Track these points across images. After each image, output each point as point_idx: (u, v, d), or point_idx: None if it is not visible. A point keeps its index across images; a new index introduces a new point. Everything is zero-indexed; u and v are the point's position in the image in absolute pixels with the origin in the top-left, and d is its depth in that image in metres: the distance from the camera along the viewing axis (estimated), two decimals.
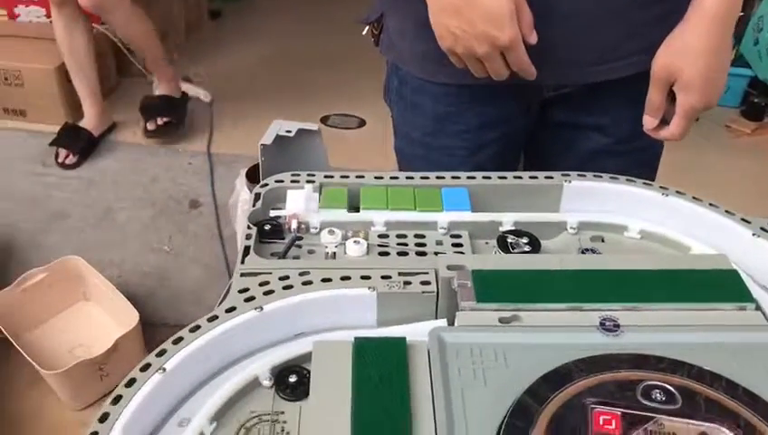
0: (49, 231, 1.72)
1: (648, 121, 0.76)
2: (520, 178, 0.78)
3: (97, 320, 1.50)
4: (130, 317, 1.36)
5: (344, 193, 0.75)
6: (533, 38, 0.72)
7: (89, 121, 1.98)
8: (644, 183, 0.76)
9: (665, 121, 0.77)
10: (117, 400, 0.55)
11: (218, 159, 1.93)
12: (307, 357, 0.60)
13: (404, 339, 0.57)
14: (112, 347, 1.32)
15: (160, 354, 0.58)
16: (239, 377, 0.59)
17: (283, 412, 0.57)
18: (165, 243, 1.69)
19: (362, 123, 1.47)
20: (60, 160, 1.93)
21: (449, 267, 0.63)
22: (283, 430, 0.56)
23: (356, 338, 0.57)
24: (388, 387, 0.53)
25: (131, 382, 0.56)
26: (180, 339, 0.59)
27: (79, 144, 1.94)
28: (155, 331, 1.46)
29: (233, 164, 1.88)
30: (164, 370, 0.56)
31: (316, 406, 0.53)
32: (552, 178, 0.77)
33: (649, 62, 0.76)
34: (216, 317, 0.61)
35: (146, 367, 0.57)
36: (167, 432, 0.57)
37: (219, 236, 1.70)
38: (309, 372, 0.59)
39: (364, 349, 0.56)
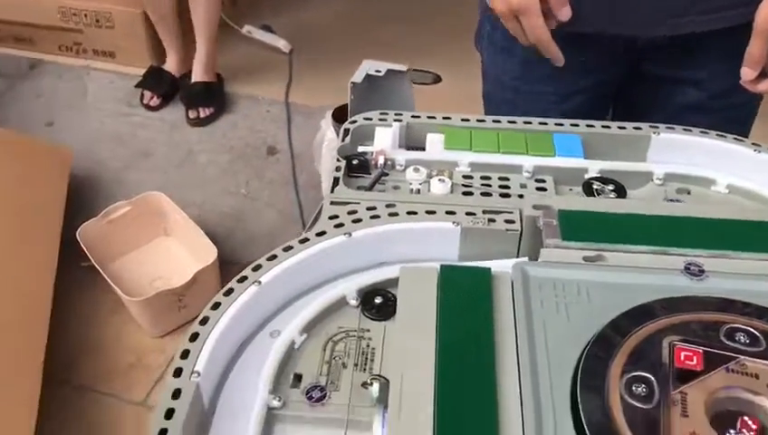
0: (133, 169, 1.79)
1: (747, 73, 0.74)
2: (608, 127, 0.78)
3: (176, 255, 1.56)
4: (209, 253, 1.42)
5: (467, 135, 0.76)
6: (564, 14, 0.73)
7: (171, 66, 2.04)
8: (734, 138, 0.75)
9: (764, 75, 0.75)
10: (216, 306, 0.58)
11: (295, 109, 1.96)
12: (391, 282, 0.63)
13: (489, 269, 0.59)
14: (191, 280, 1.38)
15: (255, 269, 0.61)
16: (328, 295, 0.62)
17: (368, 330, 0.60)
18: (242, 187, 1.74)
19: (438, 79, 1.47)
20: (145, 102, 2.00)
21: (535, 207, 0.64)
22: (368, 346, 0.58)
23: (442, 265, 0.59)
24: (473, 313, 0.55)
25: (229, 292, 0.59)
26: (274, 257, 0.62)
27: (162, 87, 2.00)
28: (230, 269, 1.51)
29: (310, 113, 1.91)
30: (259, 283, 0.60)
31: (402, 327, 0.55)
32: (640, 129, 0.77)
33: (749, 14, 0.74)
34: (307, 240, 0.64)
35: (242, 279, 0.60)
36: (258, 341, 0.60)
37: (294, 183, 1.74)
38: (393, 296, 0.62)
39: (450, 276, 0.58)
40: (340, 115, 1.52)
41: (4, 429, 1.08)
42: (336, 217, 0.66)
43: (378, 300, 0.61)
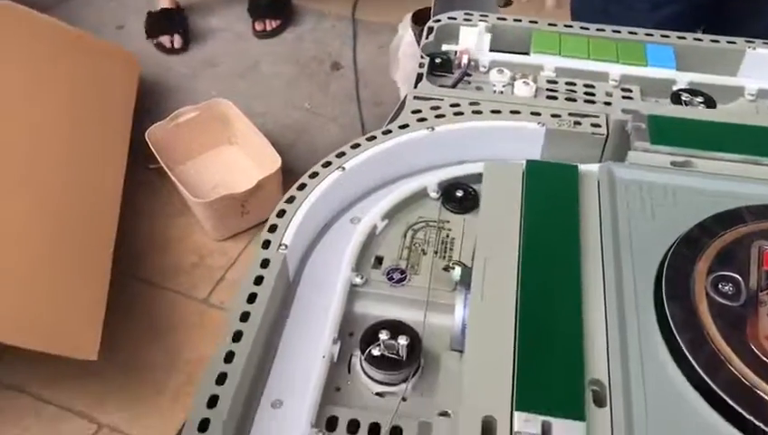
0: (199, 77, 1.81)
1: None
2: (700, 40, 0.75)
3: (239, 163, 1.58)
4: (272, 162, 1.43)
5: (556, 39, 0.75)
6: None
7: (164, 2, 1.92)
8: None
9: None
10: (302, 187, 0.59)
11: (361, 25, 1.94)
12: (472, 177, 0.63)
13: (576, 166, 0.58)
14: (255, 186, 1.40)
15: (339, 156, 0.62)
16: (409, 186, 0.62)
17: (448, 221, 0.61)
18: (305, 100, 1.75)
19: (509, 2, 1.44)
20: (167, 47, 1.90)
21: (624, 111, 0.63)
22: (447, 236, 0.59)
23: (528, 160, 0.59)
24: (559, 207, 0.55)
25: (314, 175, 0.60)
26: (358, 145, 0.63)
27: (174, 25, 1.89)
28: (292, 180, 1.52)
29: (375, 30, 1.89)
30: (343, 169, 0.60)
31: (485, 217, 0.56)
32: (734, 42, 0.74)
33: None
34: (389, 131, 0.64)
35: (326, 164, 0.61)
36: (340, 226, 0.61)
37: (357, 98, 1.73)
38: (474, 190, 0.62)
39: (536, 171, 0.58)
40: (419, 19, 1.50)
41: (77, 316, 1.13)
42: (419, 111, 0.66)
43: (459, 193, 0.62)
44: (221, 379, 0.47)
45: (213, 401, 0.45)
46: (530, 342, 0.46)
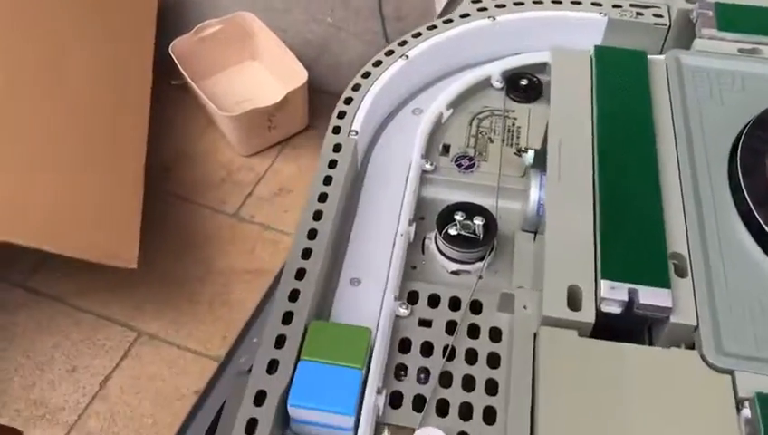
0: None
1: None
2: None
3: (263, 78, 1.57)
4: (298, 76, 1.42)
5: None
6: None
7: None
8: None
9: None
10: (366, 75, 0.59)
11: None
12: (536, 67, 0.63)
13: (645, 51, 0.58)
14: (282, 100, 1.39)
15: (402, 44, 0.61)
16: (473, 75, 0.62)
17: (513, 111, 0.61)
18: (327, 14, 1.72)
19: None
20: None
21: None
22: (513, 125, 0.59)
23: (596, 46, 0.58)
24: (629, 94, 0.55)
25: (378, 63, 0.60)
26: (419, 34, 0.62)
27: None
28: (316, 96, 1.51)
29: None
30: (407, 57, 0.60)
31: (556, 101, 0.55)
32: None
33: None
34: (450, 20, 0.63)
35: (389, 53, 0.61)
36: (402, 117, 0.61)
37: (380, 13, 1.70)
38: (539, 79, 0.62)
39: (605, 56, 0.57)
40: None
41: (116, 225, 1.14)
42: (479, 0, 0.65)
43: (523, 82, 0.61)
44: (306, 253, 0.48)
45: (300, 274, 0.47)
46: (611, 216, 0.47)
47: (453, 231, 0.50)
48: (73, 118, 1.19)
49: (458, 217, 0.50)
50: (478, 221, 0.50)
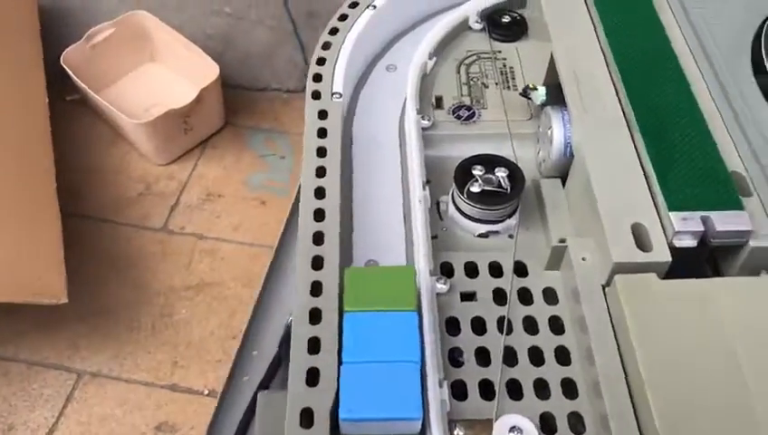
0: None
1: None
2: None
3: (167, 79, 1.45)
4: (208, 71, 1.31)
5: None
6: None
7: None
8: None
9: None
10: (334, 31, 0.51)
11: None
12: (516, 2, 0.57)
13: None
14: (196, 98, 1.28)
15: None
16: (448, 19, 0.55)
17: (500, 51, 0.54)
18: (225, 5, 1.61)
19: None
20: None
21: None
22: (504, 66, 0.53)
23: None
24: (634, 13, 0.49)
25: (343, 17, 0.53)
26: None
27: None
28: (228, 91, 1.42)
29: None
30: (374, 6, 0.53)
31: (558, 32, 0.49)
32: None
33: None
34: None
35: (354, 5, 0.53)
36: (376, 76, 0.54)
37: None
38: (521, 15, 0.56)
39: None
40: None
41: (36, 259, 1.02)
42: None
43: (505, 19, 0.55)
44: (318, 238, 0.40)
45: (317, 262, 0.39)
46: (657, 141, 0.41)
47: (476, 188, 0.44)
48: None
49: (478, 171, 0.44)
50: (501, 173, 0.44)
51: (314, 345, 0.36)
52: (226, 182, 1.33)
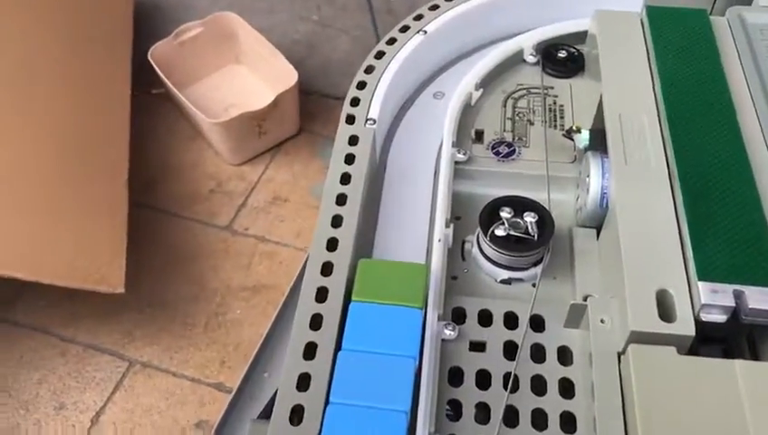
0: None
1: None
2: None
3: (249, 82, 1.48)
4: (287, 77, 1.33)
5: None
6: None
7: None
8: None
9: None
10: (380, 55, 0.50)
11: None
12: (574, 37, 0.55)
13: (705, 9, 0.49)
14: (272, 103, 1.30)
15: (417, 18, 0.53)
16: (502, 49, 0.53)
17: (552, 87, 0.52)
18: (313, 12, 1.63)
19: None
20: None
21: None
22: (555, 103, 0.51)
23: (648, 5, 0.50)
24: (695, 57, 0.46)
25: (392, 41, 0.51)
26: (437, 6, 0.54)
27: None
28: (306, 98, 1.43)
29: None
30: (425, 32, 0.51)
31: (609, 73, 0.47)
32: None
33: None
34: None
35: (404, 29, 0.52)
36: (422, 102, 0.53)
37: (369, 6, 1.62)
38: (578, 51, 0.53)
39: (660, 17, 0.49)
40: None
41: (99, 248, 1.05)
42: None
43: (561, 54, 0.53)
44: (326, 269, 0.39)
45: (322, 294, 0.38)
46: (697, 201, 0.38)
47: (501, 231, 0.41)
48: (47, 134, 1.10)
49: (505, 214, 0.42)
50: (530, 218, 0.41)
51: (304, 382, 0.35)
52: (293, 188, 1.35)
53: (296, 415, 0.33)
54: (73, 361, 1.10)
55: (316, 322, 0.37)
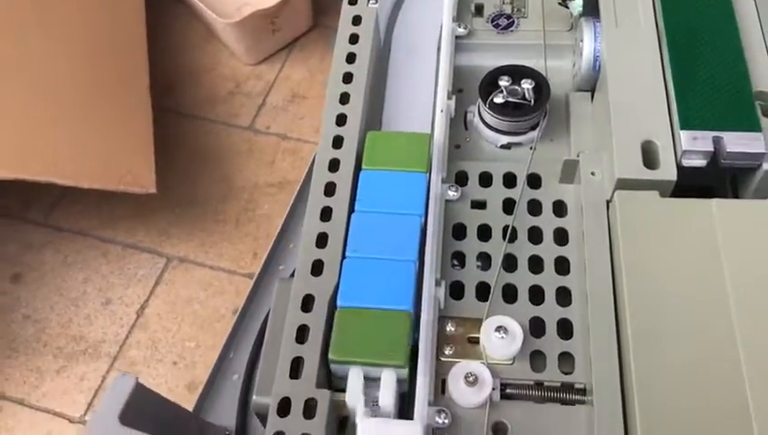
0: None
1: None
2: None
3: None
4: None
5: None
6: None
7: None
8: None
9: None
10: None
11: None
12: None
13: None
14: (284, 0, 1.30)
15: None
16: None
17: None
18: None
19: None
20: None
21: None
22: None
23: None
24: None
25: None
26: None
27: None
28: None
29: None
30: None
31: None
32: None
33: None
34: None
35: None
36: None
37: None
38: None
39: None
40: None
41: (128, 151, 1.09)
42: None
43: None
44: (337, 142, 0.42)
45: (334, 165, 0.41)
46: (683, 57, 0.40)
47: (499, 99, 0.44)
48: (68, 42, 1.13)
49: (503, 82, 0.44)
50: (527, 85, 0.44)
51: (322, 240, 0.38)
52: (310, 84, 1.36)
53: (316, 269, 0.37)
54: (115, 259, 1.17)
55: (329, 190, 0.40)
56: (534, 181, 0.43)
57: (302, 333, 0.36)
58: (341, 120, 0.43)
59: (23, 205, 1.22)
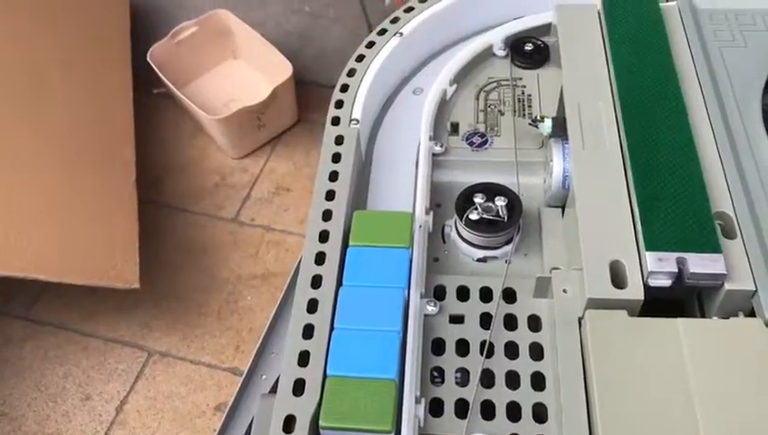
0: None
1: None
2: None
3: (247, 76, 1.52)
4: (283, 70, 1.37)
5: None
6: None
7: None
8: None
9: None
10: (360, 58, 0.55)
11: None
12: (540, 30, 0.59)
13: (657, 1, 0.54)
14: (270, 97, 1.34)
15: (394, 21, 0.57)
16: (474, 45, 0.58)
17: (521, 78, 0.56)
18: (305, 3, 1.67)
19: None
20: None
21: None
22: (523, 93, 0.55)
23: None
24: (646, 46, 0.51)
25: (371, 45, 0.56)
26: (411, 8, 0.58)
27: None
28: (303, 88, 1.47)
29: None
30: (401, 34, 0.56)
31: (568, 62, 0.51)
32: None
33: None
34: None
35: (382, 32, 0.57)
36: (403, 99, 0.57)
37: None
38: (544, 43, 0.58)
39: (614, 8, 0.53)
40: None
41: (113, 246, 1.10)
42: None
43: (528, 47, 0.57)
44: (319, 258, 0.44)
45: (316, 281, 0.43)
46: (646, 181, 0.43)
47: (474, 215, 0.46)
48: (56, 140, 1.15)
49: (478, 199, 0.46)
50: (500, 202, 0.46)
51: (304, 358, 0.40)
52: (295, 177, 1.40)
53: (298, 388, 0.38)
54: (95, 354, 1.16)
55: (312, 305, 0.42)
56: (510, 296, 0.44)
57: None
58: (324, 237, 0.45)
59: (4, 298, 1.22)
